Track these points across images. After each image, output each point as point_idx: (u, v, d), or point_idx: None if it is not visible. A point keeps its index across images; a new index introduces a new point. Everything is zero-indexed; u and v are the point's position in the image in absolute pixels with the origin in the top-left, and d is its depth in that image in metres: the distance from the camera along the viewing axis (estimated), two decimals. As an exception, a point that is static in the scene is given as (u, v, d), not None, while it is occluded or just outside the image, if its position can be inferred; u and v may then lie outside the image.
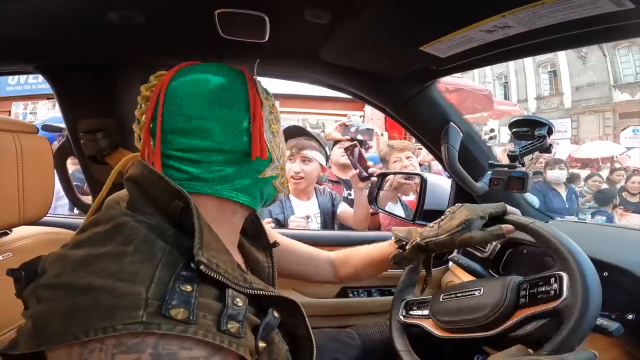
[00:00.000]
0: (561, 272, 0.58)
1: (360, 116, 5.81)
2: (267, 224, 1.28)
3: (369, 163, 1.41)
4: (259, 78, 0.49)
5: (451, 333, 0.69)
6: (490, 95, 4.73)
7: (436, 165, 2.67)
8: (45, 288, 0.35)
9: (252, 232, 0.59)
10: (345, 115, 6.90)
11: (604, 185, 4.41)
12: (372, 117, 5.26)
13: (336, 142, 2.02)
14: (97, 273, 0.33)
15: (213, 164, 0.43)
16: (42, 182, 0.71)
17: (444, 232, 0.66)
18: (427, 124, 0.99)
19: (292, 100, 6.71)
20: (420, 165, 2.35)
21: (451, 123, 0.95)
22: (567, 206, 3.51)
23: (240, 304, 0.37)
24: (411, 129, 1.02)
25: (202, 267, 0.36)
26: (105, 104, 0.95)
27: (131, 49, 0.85)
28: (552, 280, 0.59)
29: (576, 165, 7.64)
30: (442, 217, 0.71)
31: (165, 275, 0.34)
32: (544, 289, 0.59)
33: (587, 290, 0.53)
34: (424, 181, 1.36)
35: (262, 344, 0.38)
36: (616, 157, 8.02)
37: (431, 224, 0.72)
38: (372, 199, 1.32)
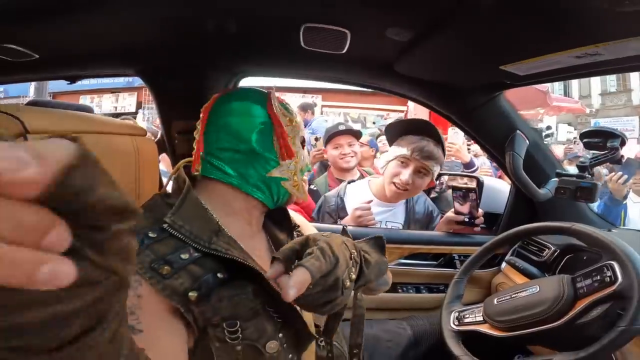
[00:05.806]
0: (611, 262, 0.64)
1: (403, 112, 5.69)
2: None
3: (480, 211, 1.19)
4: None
5: (510, 332, 0.72)
6: (548, 91, 4.41)
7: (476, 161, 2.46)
8: None
9: (278, 217, 0.67)
10: (386, 110, 6.74)
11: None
12: (415, 113, 5.12)
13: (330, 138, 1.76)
14: None
15: (233, 161, 0.56)
16: (152, 183, 0.73)
17: None
18: (493, 131, 0.99)
19: (334, 94, 6.69)
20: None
21: (517, 131, 0.95)
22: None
23: (185, 257, 0.45)
24: (476, 137, 1.03)
25: (165, 225, 0.47)
26: (192, 106, 1.05)
27: (218, 55, 0.93)
28: (605, 269, 0.65)
29: (644, 168, 6.86)
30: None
31: (139, 231, 0.44)
32: (598, 277, 0.65)
33: (638, 271, 0.60)
34: (480, 184, 1.35)
35: (192, 293, 0.44)
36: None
37: None
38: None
